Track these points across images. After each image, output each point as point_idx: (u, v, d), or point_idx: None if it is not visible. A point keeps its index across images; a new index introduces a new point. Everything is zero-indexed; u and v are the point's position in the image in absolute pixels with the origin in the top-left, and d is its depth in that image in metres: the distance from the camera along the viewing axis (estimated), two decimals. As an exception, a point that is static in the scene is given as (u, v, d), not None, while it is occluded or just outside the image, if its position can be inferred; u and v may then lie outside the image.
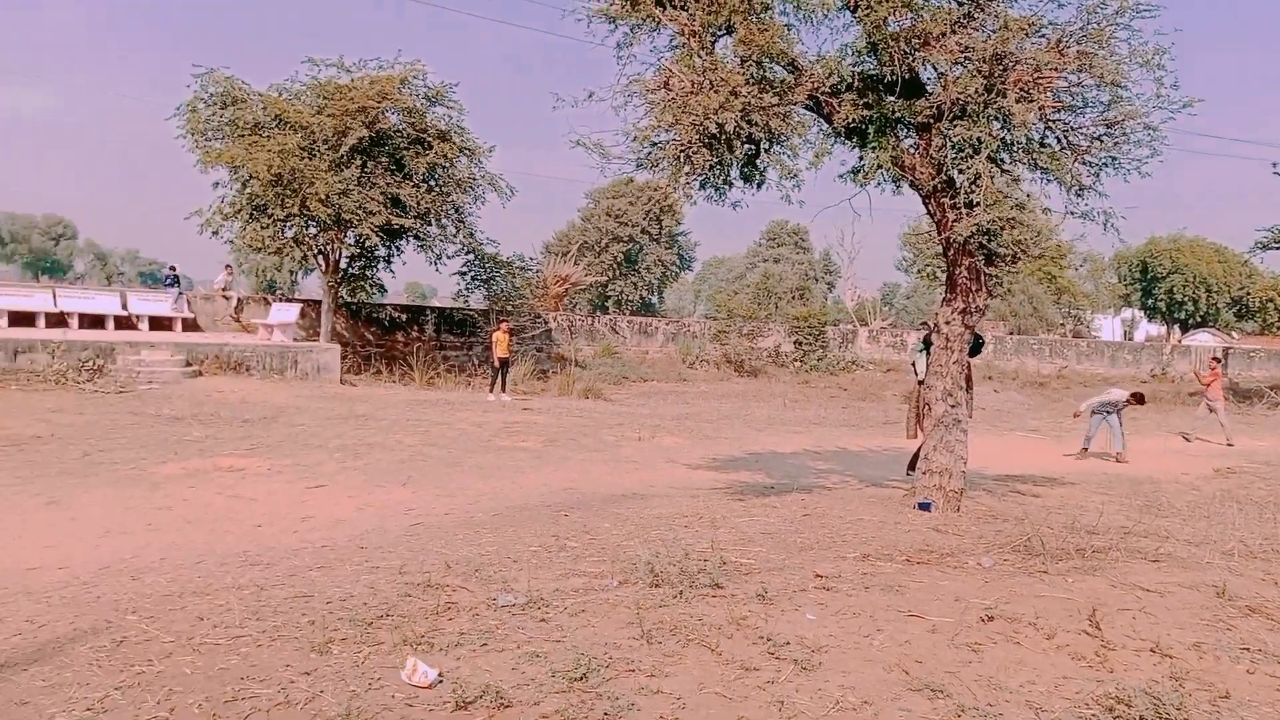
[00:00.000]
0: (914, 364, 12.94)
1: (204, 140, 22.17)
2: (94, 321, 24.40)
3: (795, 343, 35.32)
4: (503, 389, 22.64)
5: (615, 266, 56.67)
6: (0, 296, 24.08)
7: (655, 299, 62.61)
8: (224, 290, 27.97)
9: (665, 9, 8.86)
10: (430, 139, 23.28)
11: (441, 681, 4.47)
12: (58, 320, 23.92)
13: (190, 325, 25.91)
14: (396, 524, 8.88)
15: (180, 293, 26.45)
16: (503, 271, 27.77)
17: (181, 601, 5.84)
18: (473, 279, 27.60)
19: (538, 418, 18.82)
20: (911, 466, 12.46)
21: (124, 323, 24.86)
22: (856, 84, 9.14)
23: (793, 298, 50.60)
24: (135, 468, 11.37)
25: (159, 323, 25.31)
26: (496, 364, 22.77)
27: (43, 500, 9.41)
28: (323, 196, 21.46)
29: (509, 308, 28.54)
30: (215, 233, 22.68)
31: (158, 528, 8.50)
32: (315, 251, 24.21)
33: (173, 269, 28.13)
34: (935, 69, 9.03)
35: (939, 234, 9.62)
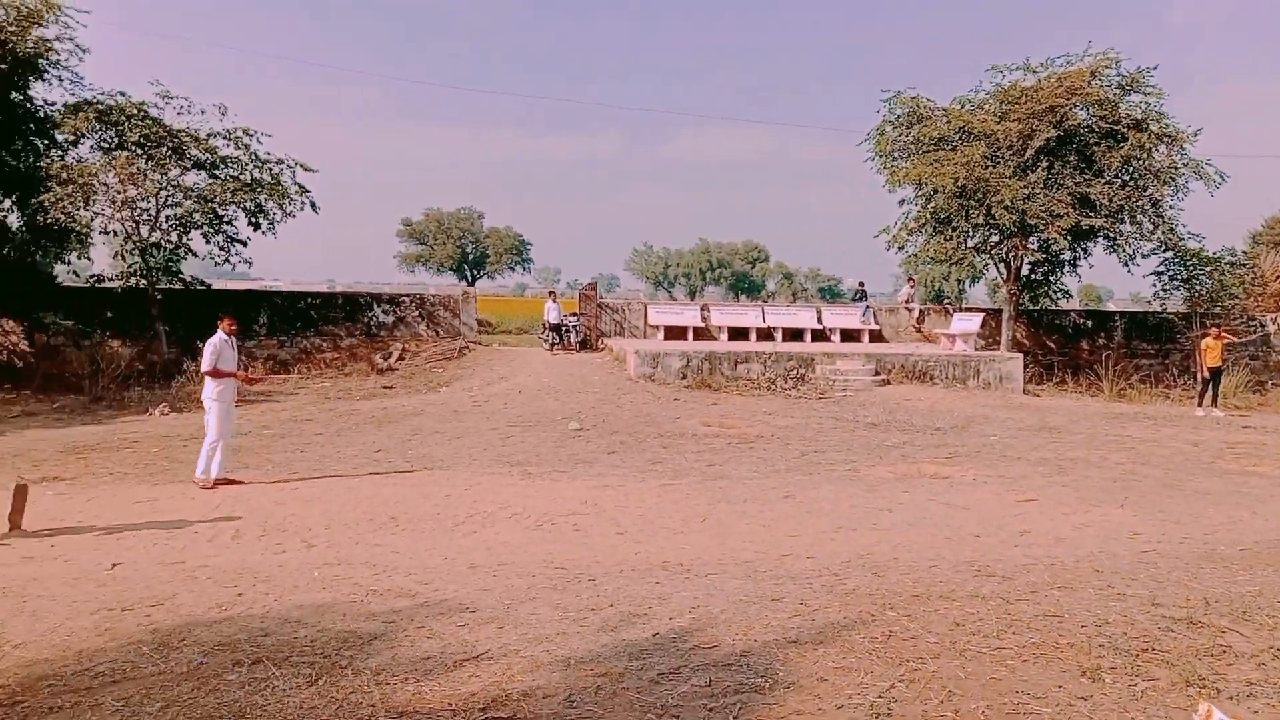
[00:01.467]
0: None
1: (891, 161, 23.35)
2: (793, 334, 27.29)
3: None
4: (1213, 403, 19.89)
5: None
6: (722, 314, 28.24)
7: None
8: (907, 302, 29.19)
9: None
10: (1124, 130, 21.49)
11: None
12: (765, 334, 27.26)
13: (876, 336, 27.54)
14: (1124, 548, 8.21)
15: (868, 306, 28.26)
16: (1208, 269, 24.44)
17: (931, 604, 6.05)
18: (1170, 279, 24.78)
19: (1265, 438, 16.09)
20: None
21: (818, 335, 27.38)
22: None
23: None
24: (849, 468, 12.32)
25: (848, 334, 27.36)
26: (1205, 374, 20.09)
27: (780, 493, 10.66)
28: (1007, 203, 21.12)
29: (1216, 310, 25.01)
30: (900, 247, 23.74)
31: (882, 527, 9.04)
32: (998, 260, 23.95)
33: (861, 284, 30.19)
34: None
35: None
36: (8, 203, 21.19)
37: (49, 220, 20.27)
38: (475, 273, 79.12)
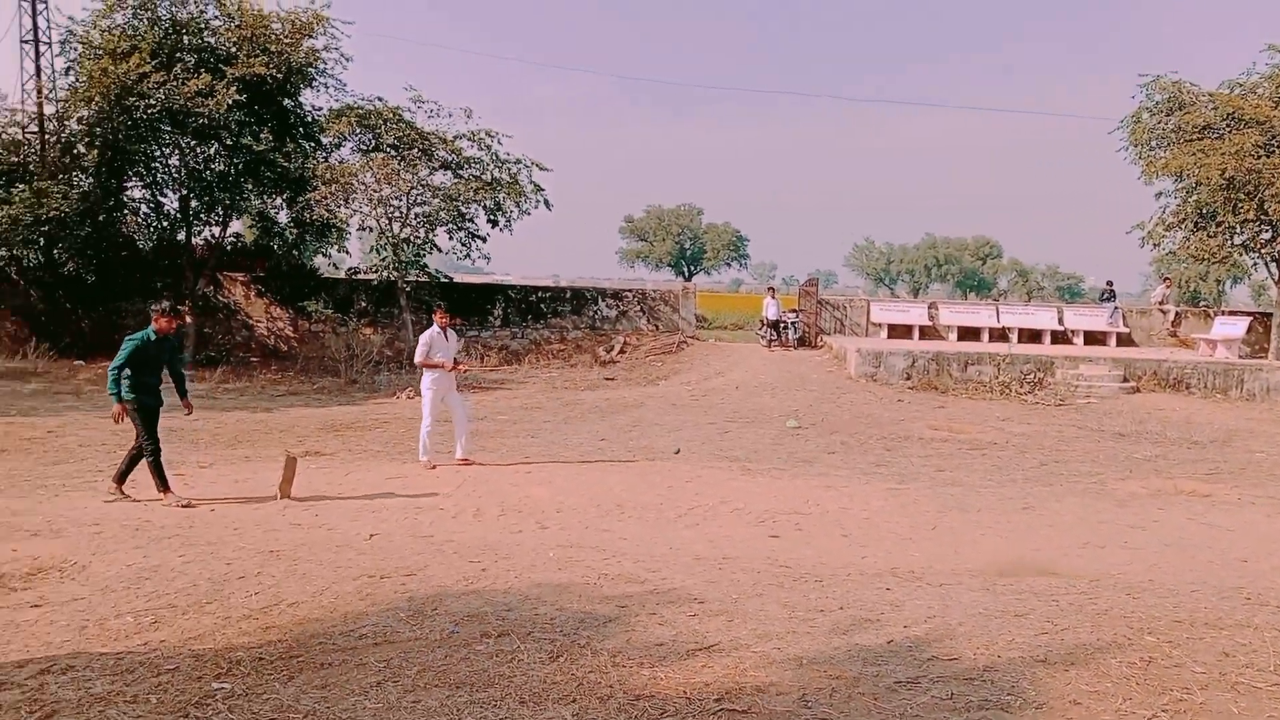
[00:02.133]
0: None
1: (1147, 150, 21.56)
2: (1031, 336, 25.74)
3: None
4: None
5: None
6: (952, 313, 27.07)
7: None
8: (1161, 304, 26.89)
9: None
10: None
11: None
12: (998, 335, 25.88)
13: (1124, 340, 25.53)
14: None
15: (1116, 307, 26.25)
16: None
17: (1194, 631, 5.53)
18: None
19: None
20: None
21: (1058, 337, 25.69)
22: None
23: None
24: (1095, 481, 11.48)
25: (1092, 337, 25.51)
26: None
27: (1018, 504, 10.09)
28: (1285, 196, 19.01)
29: None
30: (1155, 245, 21.89)
31: (1134, 546, 8.37)
32: (1269, 259, 21.60)
33: (1109, 284, 28.08)
34: None
35: None
36: (279, 200, 23.46)
37: (314, 217, 22.27)
38: (692, 268, 80.00)
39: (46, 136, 23.00)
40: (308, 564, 6.53)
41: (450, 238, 23.87)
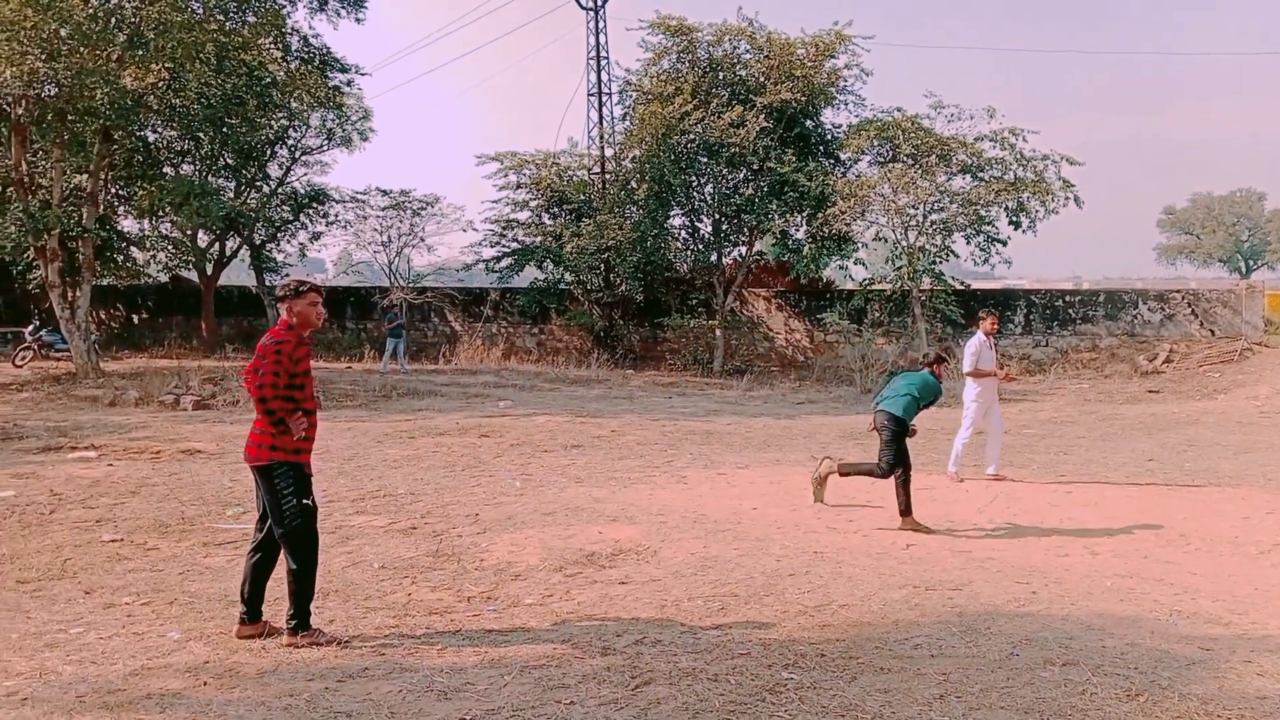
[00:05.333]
0: None
1: None
2: None
3: None
4: None
5: None
6: None
7: None
8: None
9: None
10: None
11: None
12: None
13: None
14: None
15: None
16: None
17: None
18: None
19: None
20: None
21: None
22: None
23: None
24: None
25: None
26: None
27: None
28: None
29: None
30: None
31: None
32: None
33: None
34: None
35: None
36: (798, 218, 24.63)
37: (831, 231, 23.02)
38: (1250, 264, 68.62)
39: (606, 176, 26.71)
40: (851, 568, 6.71)
41: (968, 243, 23.18)
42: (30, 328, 22.43)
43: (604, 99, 29.18)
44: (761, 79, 23.13)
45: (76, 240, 19.51)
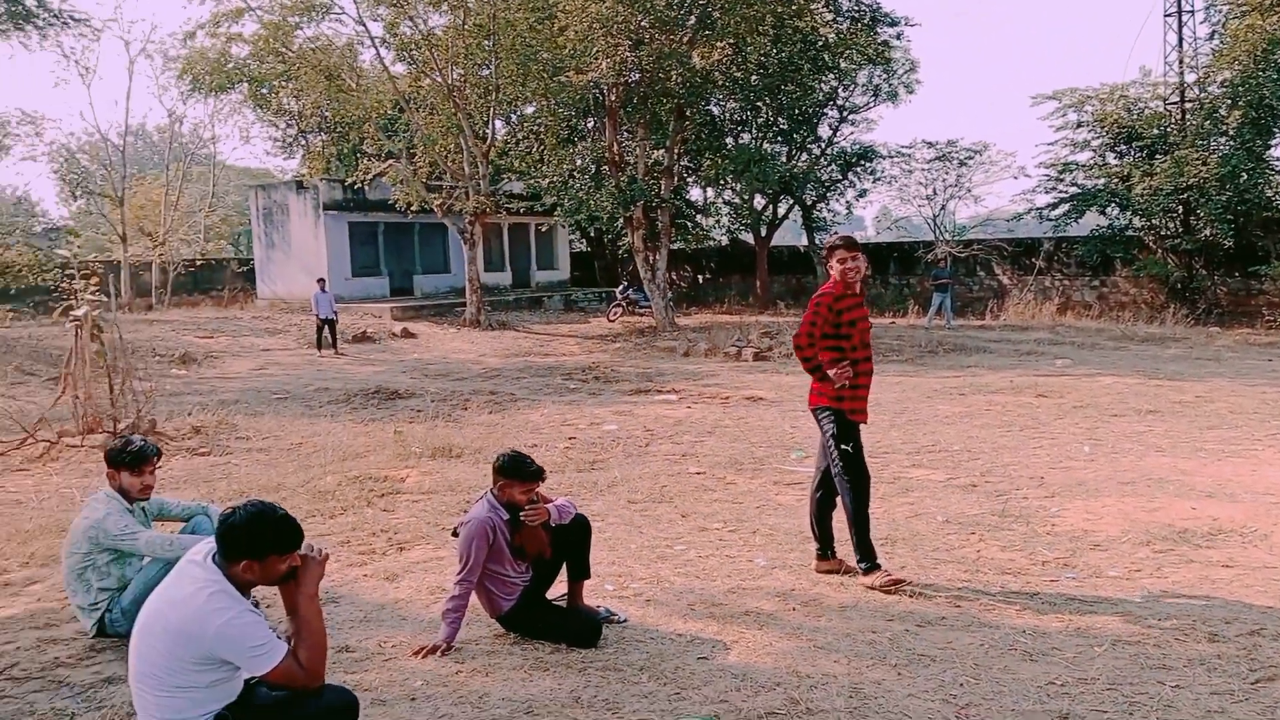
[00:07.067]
0: None
1: None
2: None
3: None
4: None
5: None
6: None
7: None
8: None
9: None
10: None
11: None
12: None
13: None
14: None
15: None
16: None
17: None
18: None
19: None
20: None
21: None
22: None
23: None
24: None
25: None
26: None
27: None
28: None
29: None
30: None
31: None
32: None
33: None
34: None
35: None
36: None
37: None
38: None
39: (1187, 105, 23.31)
40: None
41: None
42: (620, 288, 26.22)
43: (1183, 18, 25.40)
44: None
45: (656, 210, 22.16)
